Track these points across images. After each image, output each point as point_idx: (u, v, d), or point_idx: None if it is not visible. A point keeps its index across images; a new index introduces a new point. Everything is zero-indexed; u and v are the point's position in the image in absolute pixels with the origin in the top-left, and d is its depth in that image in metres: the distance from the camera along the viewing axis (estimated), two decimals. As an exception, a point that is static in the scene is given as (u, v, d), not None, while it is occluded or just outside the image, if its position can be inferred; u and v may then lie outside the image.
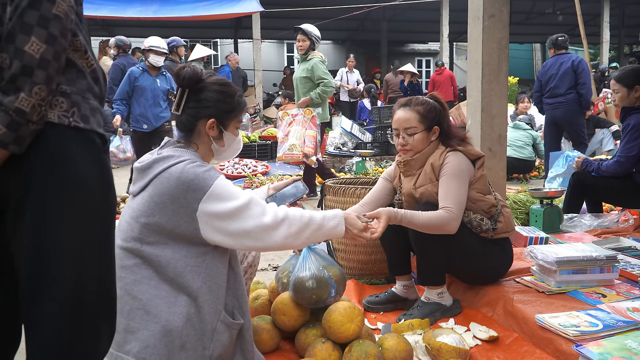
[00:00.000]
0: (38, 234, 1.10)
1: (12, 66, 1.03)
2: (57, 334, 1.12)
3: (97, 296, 1.18)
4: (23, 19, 1.03)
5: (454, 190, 2.26)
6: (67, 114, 1.13)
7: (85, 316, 1.16)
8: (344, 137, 8.86)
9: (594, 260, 2.33)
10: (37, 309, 1.12)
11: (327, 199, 2.99)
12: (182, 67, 1.72)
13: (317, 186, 5.60)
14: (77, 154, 1.14)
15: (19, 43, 1.03)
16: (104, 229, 1.21)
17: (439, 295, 2.37)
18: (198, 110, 1.74)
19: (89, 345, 1.18)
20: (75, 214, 1.14)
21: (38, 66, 1.04)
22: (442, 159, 2.33)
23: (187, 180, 1.59)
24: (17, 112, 1.04)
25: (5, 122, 1.03)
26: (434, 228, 2.20)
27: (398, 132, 2.40)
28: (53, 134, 1.11)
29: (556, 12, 15.87)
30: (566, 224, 3.60)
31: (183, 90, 1.74)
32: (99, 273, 1.19)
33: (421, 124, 2.35)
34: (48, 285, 1.11)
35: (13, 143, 1.05)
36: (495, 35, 3.19)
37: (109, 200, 1.22)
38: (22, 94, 1.04)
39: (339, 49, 20.69)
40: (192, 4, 10.42)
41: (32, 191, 1.10)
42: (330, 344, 1.90)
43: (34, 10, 1.03)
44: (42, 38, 1.04)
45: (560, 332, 1.90)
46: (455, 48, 20.07)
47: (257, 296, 2.33)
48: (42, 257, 1.11)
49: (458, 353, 1.90)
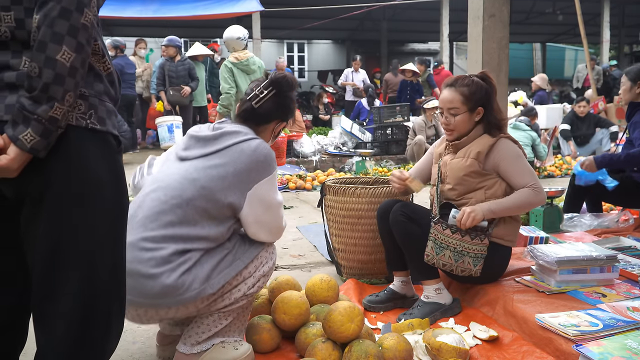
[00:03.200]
0: (54, 233, 1.13)
1: (43, 75, 1.05)
2: (70, 330, 1.14)
3: (109, 293, 1.21)
4: (54, 29, 1.05)
5: (524, 167, 2.37)
6: (84, 116, 1.15)
7: (98, 313, 1.18)
8: (343, 137, 8.87)
9: (594, 260, 2.34)
10: (50, 306, 1.14)
11: (327, 199, 2.99)
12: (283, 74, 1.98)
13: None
14: (94, 155, 1.17)
15: (50, 52, 1.05)
16: (117, 228, 1.24)
17: (437, 292, 2.37)
18: (277, 111, 1.99)
19: (100, 342, 1.20)
20: (91, 213, 1.16)
21: (69, 74, 1.07)
22: (491, 147, 2.37)
23: (259, 158, 1.79)
24: (51, 121, 1.06)
25: (39, 131, 1.05)
26: (526, 207, 2.37)
27: (442, 111, 2.45)
28: (71, 135, 1.13)
29: (556, 11, 15.87)
30: (566, 224, 3.60)
31: (271, 90, 1.94)
32: (111, 271, 1.22)
33: (464, 105, 2.39)
34: (62, 283, 1.14)
35: (44, 149, 1.08)
36: (495, 35, 3.20)
37: (122, 200, 1.25)
38: (55, 103, 1.06)
39: (339, 48, 20.69)
40: (192, 4, 10.41)
41: (50, 191, 1.12)
42: (330, 343, 1.90)
43: (65, 20, 1.05)
44: (72, 47, 1.06)
45: (560, 332, 1.90)
46: (455, 48, 20.06)
47: (257, 296, 2.33)
48: (57, 256, 1.13)
49: (458, 353, 1.90)
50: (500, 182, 2.39)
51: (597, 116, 8.48)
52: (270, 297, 2.29)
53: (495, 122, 2.44)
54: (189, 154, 1.83)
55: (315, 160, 8.24)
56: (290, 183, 6.69)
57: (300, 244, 3.84)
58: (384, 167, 7.75)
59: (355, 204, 2.84)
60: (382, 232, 2.53)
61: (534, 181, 2.34)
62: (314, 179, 6.91)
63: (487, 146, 2.38)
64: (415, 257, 2.37)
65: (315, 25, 15.02)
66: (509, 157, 2.37)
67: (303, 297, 2.12)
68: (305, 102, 14.19)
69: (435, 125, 8.04)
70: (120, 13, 9.86)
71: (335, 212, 2.94)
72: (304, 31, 16.60)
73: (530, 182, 2.34)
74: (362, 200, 2.82)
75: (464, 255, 2.28)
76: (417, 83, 10.48)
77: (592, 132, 8.25)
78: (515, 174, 2.36)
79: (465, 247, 2.27)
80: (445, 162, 2.47)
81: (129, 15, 10.07)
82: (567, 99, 12.94)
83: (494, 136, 2.42)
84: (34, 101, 1.05)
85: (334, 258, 3.05)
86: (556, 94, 14.65)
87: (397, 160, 8.40)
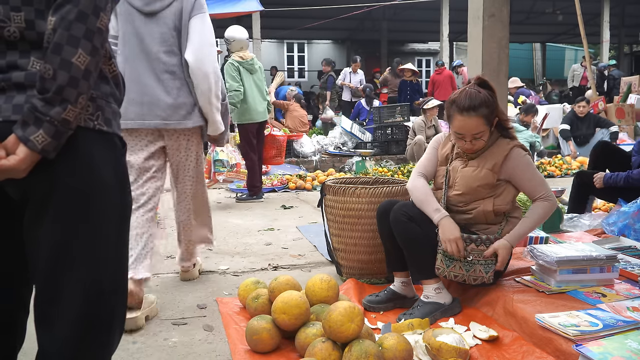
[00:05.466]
0: (59, 234, 1.13)
1: (58, 77, 1.05)
2: (74, 331, 1.15)
3: (113, 294, 1.22)
4: (71, 32, 1.05)
5: (536, 176, 2.40)
6: (92, 117, 1.16)
7: (102, 314, 1.19)
8: (344, 137, 8.88)
9: (594, 259, 2.34)
10: (54, 307, 1.14)
11: (327, 199, 2.99)
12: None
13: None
14: (100, 156, 1.17)
15: (66, 55, 1.05)
16: (120, 228, 1.24)
17: (436, 291, 2.38)
18: None
19: (103, 342, 1.21)
20: (97, 213, 1.17)
21: (83, 77, 1.07)
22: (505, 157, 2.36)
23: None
24: (63, 123, 1.06)
25: (51, 132, 1.05)
26: (543, 220, 2.42)
27: (463, 137, 2.33)
28: (79, 136, 1.13)
29: (556, 11, 15.88)
30: (566, 224, 3.60)
31: None
32: (115, 270, 1.23)
33: (487, 125, 2.32)
34: (66, 283, 1.14)
35: (54, 150, 1.08)
36: (495, 35, 3.20)
37: (126, 201, 1.26)
38: (69, 105, 1.06)
39: (339, 48, 20.70)
40: (192, 4, 10.40)
41: (56, 192, 1.12)
42: (330, 343, 1.90)
43: (81, 24, 1.05)
44: (88, 50, 1.07)
45: (560, 332, 1.90)
46: (455, 48, 20.07)
47: (257, 296, 2.33)
48: (61, 256, 1.14)
49: (458, 353, 1.90)
50: (509, 190, 2.39)
51: (597, 116, 8.48)
52: (270, 297, 2.29)
53: (502, 124, 2.43)
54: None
55: (315, 160, 8.24)
56: (290, 183, 6.69)
57: (300, 244, 3.84)
58: (384, 167, 7.75)
59: (355, 204, 2.84)
60: (382, 232, 2.53)
61: (544, 190, 2.37)
62: (314, 179, 6.91)
63: (502, 157, 2.36)
64: (415, 256, 2.37)
65: (315, 25, 15.03)
66: (522, 167, 2.37)
67: (303, 297, 2.12)
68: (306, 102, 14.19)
69: (435, 125, 8.05)
70: (120, 13, 9.86)
71: (335, 212, 2.94)
72: (304, 31, 16.60)
73: (542, 192, 2.37)
74: (362, 200, 2.82)
75: (474, 265, 2.30)
76: (416, 83, 10.49)
77: (592, 132, 8.25)
78: (529, 184, 2.38)
79: (475, 256, 2.29)
80: (456, 168, 2.43)
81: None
82: (567, 99, 12.94)
83: (506, 137, 2.41)
84: (46, 103, 1.05)
85: (334, 258, 3.05)
86: (556, 94, 14.66)
87: (397, 160, 8.40)
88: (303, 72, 20.52)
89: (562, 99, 13.47)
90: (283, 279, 2.32)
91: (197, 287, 2.89)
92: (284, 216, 4.95)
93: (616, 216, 3.27)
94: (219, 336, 2.27)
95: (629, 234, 3.13)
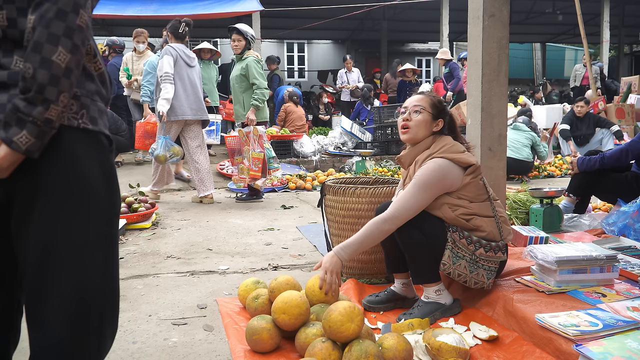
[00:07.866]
0: (46, 233, 1.12)
1: (38, 76, 1.04)
2: (62, 332, 1.14)
3: (102, 293, 1.20)
4: (50, 30, 1.04)
5: (406, 199, 2.27)
6: (76, 115, 1.15)
7: (91, 315, 1.18)
8: (344, 137, 8.87)
9: (594, 259, 2.33)
10: (42, 307, 1.14)
11: (327, 199, 2.99)
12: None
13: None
14: (86, 155, 1.16)
15: (46, 53, 1.04)
16: (109, 227, 1.23)
17: (437, 293, 2.37)
18: None
19: (93, 343, 1.19)
20: (83, 213, 1.16)
21: (64, 75, 1.06)
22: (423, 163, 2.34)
23: None
24: (46, 122, 1.06)
25: (34, 133, 1.05)
26: (375, 236, 2.27)
27: (405, 110, 2.46)
28: (63, 135, 1.13)
29: (556, 11, 15.87)
30: (566, 224, 3.60)
31: None
32: (103, 271, 1.21)
33: (430, 109, 2.43)
34: (54, 284, 1.13)
35: (38, 150, 1.08)
36: (495, 35, 3.20)
37: (114, 200, 1.24)
38: (51, 104, 1.06)
39: (339, 48, 20.68)
40: (192, 3, 10.40)
41: (42, 192, 1.11)
42: (330, 343, 1.90)
43: (61, 22, 1.05)
44: (68, 48, 1.06)
45: (560, 332, 1.90)
46: (455, 48, 20.06)
47: (257, 296, 2.33)
48: (49, 257, 1.13)
49: (458, 353, 1.90)
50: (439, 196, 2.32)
51: (597, 116, 8.47)
52: (270, 297, 2.29)
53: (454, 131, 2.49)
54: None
55: (315, 160, 8.24)
56: (290, 183, 6.69)
57: (300, 244, 3.84)
58: (384, 167, 7.75)
59: (355, 204, 2.84)
60: None
61: (393, 211, 2.26)
62: (314, 179, 6.91)
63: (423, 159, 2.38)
64: (416, 260, 2.35)
65: (315, 25, 15.00)
66: (414, 179, 2.31)
67: (303, 297, 2.12)
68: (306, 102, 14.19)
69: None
70: (120, 12, 9.85)
71: (335, 212, 2.94)
72: (304, 31, 16.59)
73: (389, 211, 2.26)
74: (362, 200, 2.83)
75: (478, 267, 2.30)
76: (415, 83, 10.47)
77: (592, 132, 8.24)
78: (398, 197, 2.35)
79: (480, 259, 2.29)
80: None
81: (129, 15, 10.06)
82: (567, 99, 12.93)
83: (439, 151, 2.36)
84: (28, 102, 1.04)
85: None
86: (556, 94, 14.66)
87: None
88: (303, 72, 20.51)
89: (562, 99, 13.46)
90: (283, 279, 2.32)
91: (197, 287, 2.89)
92: (284, 216, 4.95)
93: (616, 216, 3.27)
94: (219, 336, 2.27)
95: (629, 234, 3.13)
